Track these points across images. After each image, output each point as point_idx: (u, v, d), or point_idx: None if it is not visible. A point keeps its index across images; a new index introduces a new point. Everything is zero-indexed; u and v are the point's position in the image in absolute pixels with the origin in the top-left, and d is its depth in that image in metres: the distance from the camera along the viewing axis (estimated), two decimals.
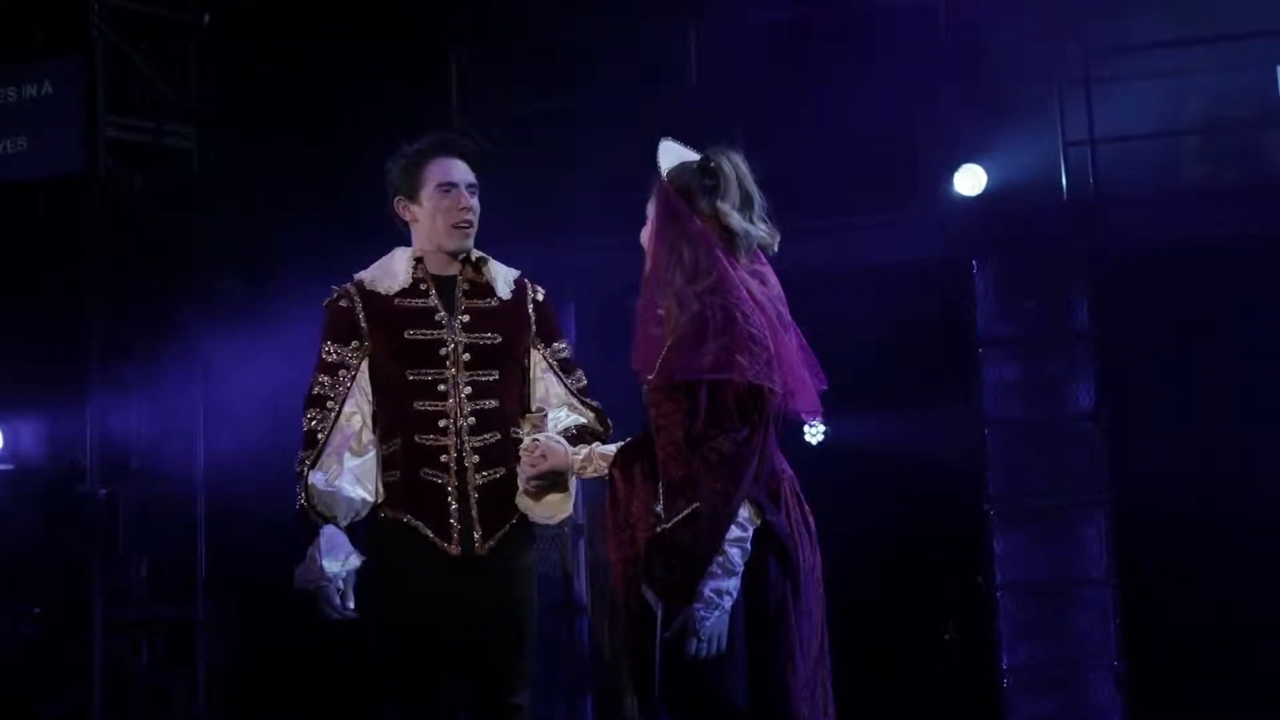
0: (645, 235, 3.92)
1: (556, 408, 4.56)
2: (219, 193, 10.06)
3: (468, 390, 4.45)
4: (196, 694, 9.62)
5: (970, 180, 9.40)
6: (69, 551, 9.60)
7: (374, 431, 4.47)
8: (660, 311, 3.80)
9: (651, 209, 3.91)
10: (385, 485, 4.45)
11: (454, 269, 4.58)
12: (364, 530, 4.46)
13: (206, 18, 9.97)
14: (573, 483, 4.41)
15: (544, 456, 4.28)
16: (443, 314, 4.51)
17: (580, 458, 4.26)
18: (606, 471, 4.04)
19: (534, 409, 4.54)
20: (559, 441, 4.33)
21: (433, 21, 10.05)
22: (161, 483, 9.71)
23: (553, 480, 4.36)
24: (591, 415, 4.58)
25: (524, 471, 4.34)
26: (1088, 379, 9.20)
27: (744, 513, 3.68)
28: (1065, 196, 9.33)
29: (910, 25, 9.57)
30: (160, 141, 9.88)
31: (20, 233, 10.01)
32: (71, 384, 9.60)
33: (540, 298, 4.67)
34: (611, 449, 4.12)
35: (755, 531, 3.70)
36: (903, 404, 10.54)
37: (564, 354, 4.66)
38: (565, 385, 4.60)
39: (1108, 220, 9.20)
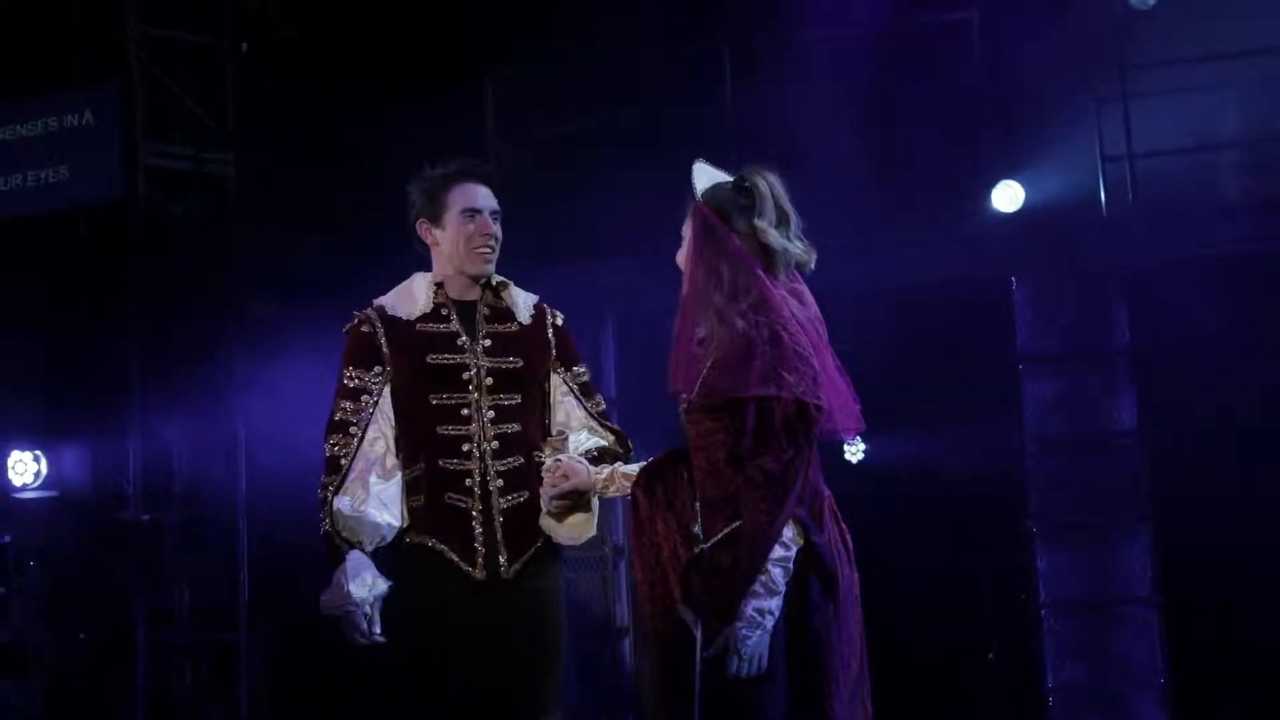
0: (682, 257, 3.91)
1: (577, 430, 4.54)
2: (257, 218, 10.09)
3: (490, 414, 4.44)
4: (239, 718, 9.63)
5: (1008, 197, 9.39)
6: (113, 577, 9.63)
7: (398, 456, 4.46)
8: (700, 331, 3.78)
9: (688, 230, 3.89)
10: (410, 510, 4.43)
11: (474, 294, 4.56)
12: (389, 555, 4.44)
13: (244, 45, 10.02)
14: (595, 503, 4.38)
15: (566, 476, 4.26)
16: (464, 338, 4.50)
17: (603, 477, 4.24)
18: (629, 491, 4.03)
19: (554, 433, 4.53)
20: (580, 462, 4.30)
21: (467, 45, 10.07)
22: (203, 508, 9.71)
23: (575, 501, 4.33)
24: (612, 438, 4.56)
25: (546, 492, 4.31)
26: (1128, 395, 9.18)
27: (788, 532, 3.66)
28: (1104, 212, 9.31)
29: (945, 42, 9.55)
30: (198, 168, 9.91)
31: (60, 260, 10.07)
32: (113, 410, 9.63)
33: (559, 322, 4.65)
34: (634, 469, 4.10)
35: (798, 551, 3.68)
36: (943, 422, 10.49)
37: (584, 378, 4.64)
38: (585, 409, 4.58)
39: (1146, 235, 9.16)
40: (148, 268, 9.66)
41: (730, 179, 3.90)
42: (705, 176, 3.91)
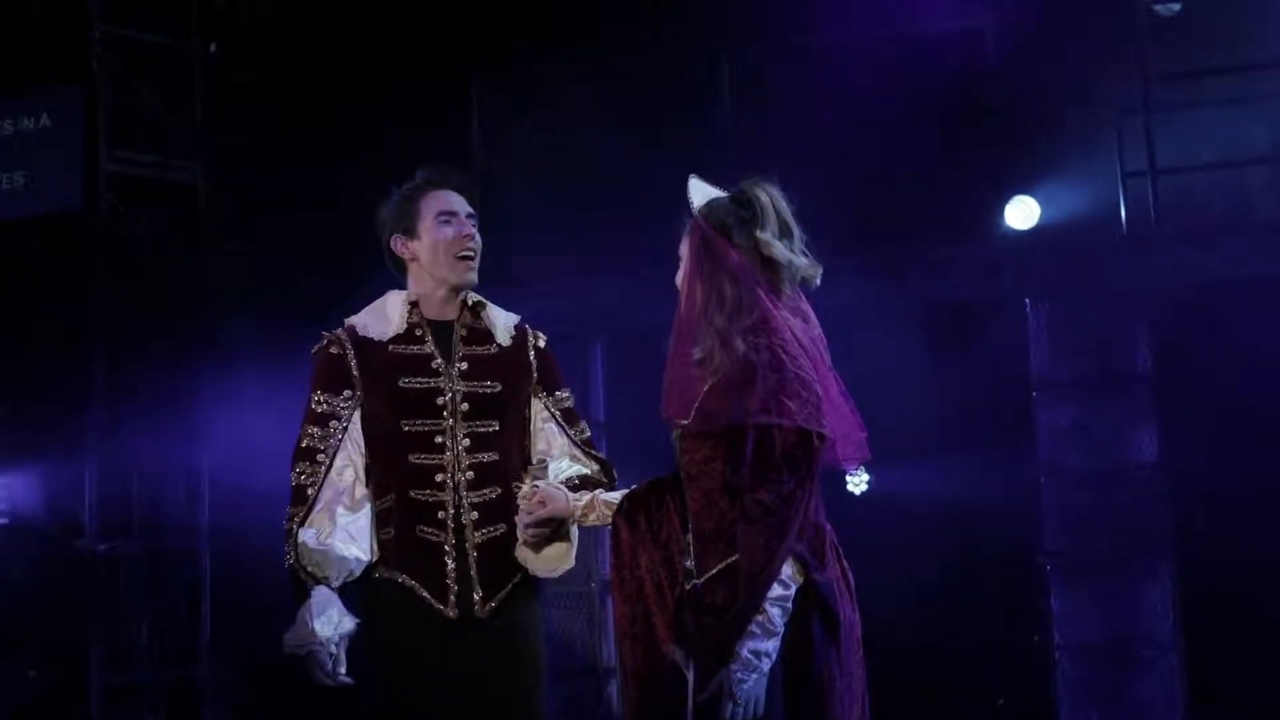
0: (681, 278, 3.89)
1: (558, 459, 4.52)
2: (226, 231, 10.05)
3: (466, 443, 4.42)
4: None
5: (1023, 213, 9.39)
6: (67, 611, 9.57)
7: (368, 486, 4.44)
8: (696, 353, 3.77)
9: (685, 248, 3.88)
10: (380, 543, 4.41)
11: (451, 313, 4.55)
12: (357, 591, 4.41)
13: (213, 46, 9.98)
14: (574, 533, 4.34)
15: (542, 503, 4.21)
16: (439, 361, 4.48)
17: (582, 504, 4.19)
18: (610, 520, 4.01)
19: (535, 461, 4.51)
20: (558, 488, 4.27)
21: (453, 51, 10.05)
22: (164, 538, 9.68)
23: (553, 530, 4.29)
24: (596, 466, 4.54)
25: (521, 519, 4.27)
26: (1150, 424, 9.18)
27: (786, 570, 3.66)
28: (1124, 230, 9.31)
29: (957, 50, 9.54)
30: (164, 177, 9.89)
31: (17, 273, 10.01)
32: (70, 433, 9.58)
33: (542, 344, 4.63)
34: (616, 496, 4.09)
35: (797, 590, 3.67)
36: (952, 452, 10.44)
37: (567, 404, 4.62)
38: (568, 436, 4.56)
39: (1170, 256, 9.15)
40: (109, 281, 9.62)
41: (727, 194, 3.89)
42: (701, 192, 3.91)
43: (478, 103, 10.10)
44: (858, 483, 11.22)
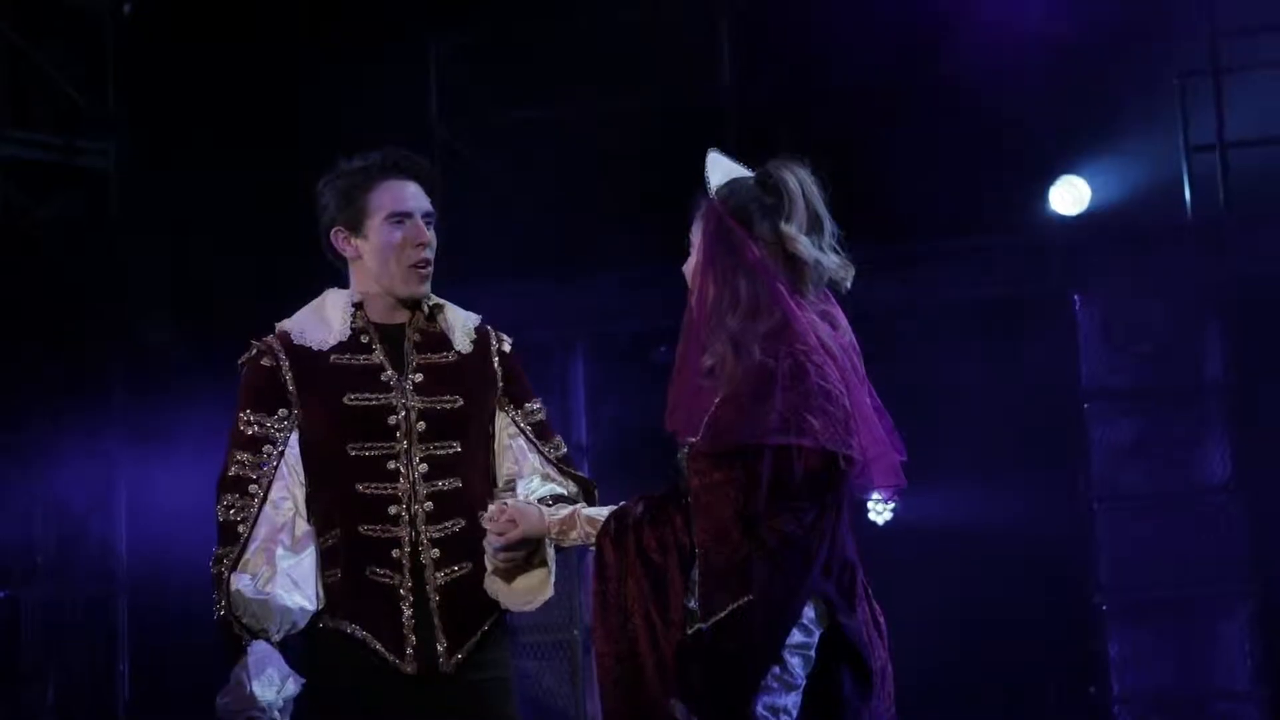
0: (690, 269, 3.87)
1: (528, 478, 4.51)
2: (145, 223, 10.03)
3: (423, 468, 4.41)
4: None
5: (1070, 196, 9.40)
6: None
7: (309, 521, 4.42)
8: (707, 359, 3.74)
9: (697, 235, 3.85)
10: (325, 587, 4.40)
11: (402, 316, 4.55)
12: (299, 644, 4.39)
13: (127, 7, 9.95)
14: (552, 556, 4.31)
15: (513, 522, 4.16)
16: (390, 373, 4.47)
17: (559, 519, 4.15)
18: (593, 540, 3.97)
19: (502, 484, 4.50)
20: (530, 504, 4.23)
21: (408, 8, 10.03)
22: (74, 583, 9.65)
23: (528, 554, 4.25)
24: (575, 487, 4.53)
25: (491, 543, 4.21)
26: (1221, 440, 9.20)
27: (809, 612, 3.61)
28: (1189, 214, 9.30)
29: (989, 5, 9.53)
30: (70, 160, 9.86)
31: None
32: None
33: (506, 348, 4.63)
34: (601, 512, 4.03)
35: (822, 636, 3.63)
36: (990, 474, 10.47)
37: (538, 417, 4.61)
38: (541, 453, 4.56)
39: (1243, 243, 9.16)
40: (6, 284, 9.57)
41: (752, 174, 3.86)
42: (721, 170, 3.87)
43: (436, 68, 10.07)
44: (881, 511, 11.21)
